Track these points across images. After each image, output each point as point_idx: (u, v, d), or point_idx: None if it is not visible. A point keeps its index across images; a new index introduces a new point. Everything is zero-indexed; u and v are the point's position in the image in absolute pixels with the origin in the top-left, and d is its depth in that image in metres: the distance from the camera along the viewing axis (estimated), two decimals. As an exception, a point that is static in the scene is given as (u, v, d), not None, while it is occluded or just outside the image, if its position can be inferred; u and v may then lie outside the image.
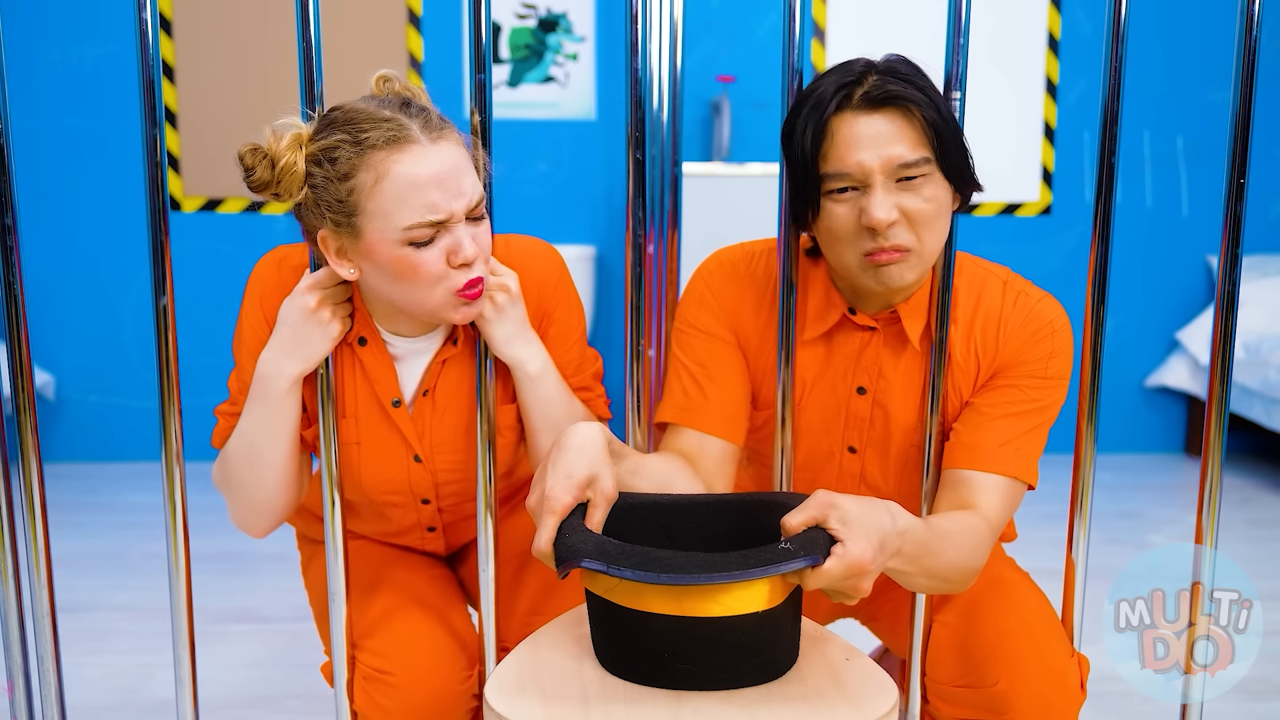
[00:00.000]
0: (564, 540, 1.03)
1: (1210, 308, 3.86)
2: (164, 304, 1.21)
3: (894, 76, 1.16)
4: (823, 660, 1.09)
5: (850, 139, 1.16)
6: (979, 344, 1.28)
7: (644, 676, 1.04)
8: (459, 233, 1.15)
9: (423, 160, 1.12)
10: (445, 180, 1.13)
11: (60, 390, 3.80)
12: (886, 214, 1.15)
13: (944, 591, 1.21)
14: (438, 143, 1.14)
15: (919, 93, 1.16)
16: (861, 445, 1.34)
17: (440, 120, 1.17)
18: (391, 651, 1.26)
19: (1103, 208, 1.24)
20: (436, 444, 1.33)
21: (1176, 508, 3.40)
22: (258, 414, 1.24)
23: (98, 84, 3.66)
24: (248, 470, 1.26)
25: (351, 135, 1.12)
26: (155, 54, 1.17)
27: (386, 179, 1.12)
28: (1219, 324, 1.26)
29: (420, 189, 1.12)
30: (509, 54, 3.75)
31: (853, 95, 1.16)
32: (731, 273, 1.34)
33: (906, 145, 1.16)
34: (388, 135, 1.12)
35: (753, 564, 0.97)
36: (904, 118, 1.16)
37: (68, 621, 2.25)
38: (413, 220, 1.12)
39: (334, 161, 1.13)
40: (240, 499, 1.29)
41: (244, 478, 1.27)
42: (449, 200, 1.13)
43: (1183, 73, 3.82)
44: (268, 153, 1.15)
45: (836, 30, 3.77)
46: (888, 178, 1.16)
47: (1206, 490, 1.28)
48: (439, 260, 1.15)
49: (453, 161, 1.14)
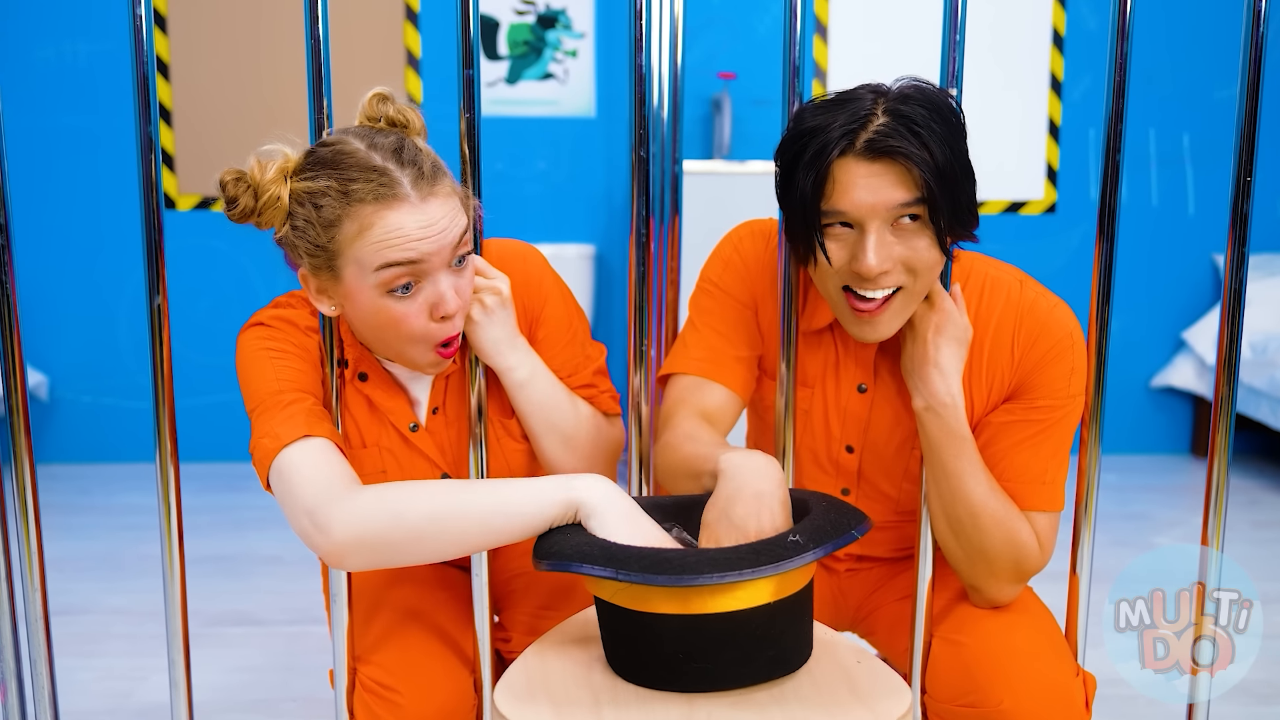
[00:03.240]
0: (568, 542, 1.04)
1: (1216, 307, 3.86)
2: (158, 303, 1.21)
3: (899, 120, 1.14)
4: (834, 663, 1.09)
5: (849, 184, 1.15)
6: (990, 349, 1.27)
7: (657, 680, 1.03)
8: (441, 285, 1.14)
9: (410, 218, 1.11)
10: (432, 237, 1.12)
11: (54, 390, 3.80)
12: (879, 263, 1.15)
13: (957, 556, 1.24)
14: (427, 200, 1.12)
15: (919, 146, 1.13)
16: (859, 445, 1.34)
17: (434, 171, 1.14)
18: (396, 667, 1.26)
19: (1108, 206, 1.24)
20: (459, 458, 1.34)
21: (1182, 509, 3.40)
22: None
23: (91, 80, 3.65)
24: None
25: (339, 184, 1.11)
26: (149, 50, 1.17)
27: (370, 230, 1.11)
28: (1225, 323, 1.26)
29: (406, 244, 1.11)
30: (507, 50, 3.75)
31: (856, 140, 1.14)
32: (763, 242, 1.34)
33: (904, 192, 1.14)
34: (377, 191, 1.10)
35: (764, 560, 0.97)
36: (903, 168, 1.14)
37: (61, 625, 2.25)
38: (387, 259, 1.11)
39: (319, 207, 1.12)
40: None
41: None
42: (436, 254, 1.12)
43: (1189, 69, 3.82)
44: (251, 182, 1.13)
45: (838, 26, 3.77)
46: (883, 222, 1.16)
47: (1213, 492, 1.28)
48: (421, 314, 1.15)
49: (441, 217, 1.13)
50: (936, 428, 1.22)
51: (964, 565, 1.25)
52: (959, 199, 1.17)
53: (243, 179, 1.14)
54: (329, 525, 1.08)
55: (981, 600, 1.26)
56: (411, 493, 1.10)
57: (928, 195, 1.14)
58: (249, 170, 1.14)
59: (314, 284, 1.18)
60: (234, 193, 1.13)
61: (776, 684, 1.04)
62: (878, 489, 1.36)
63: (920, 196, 1.14)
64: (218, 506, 3.14)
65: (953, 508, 1.22)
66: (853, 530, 1.04)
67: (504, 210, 3.64)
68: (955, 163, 1.15)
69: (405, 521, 1.08)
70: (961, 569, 1.26)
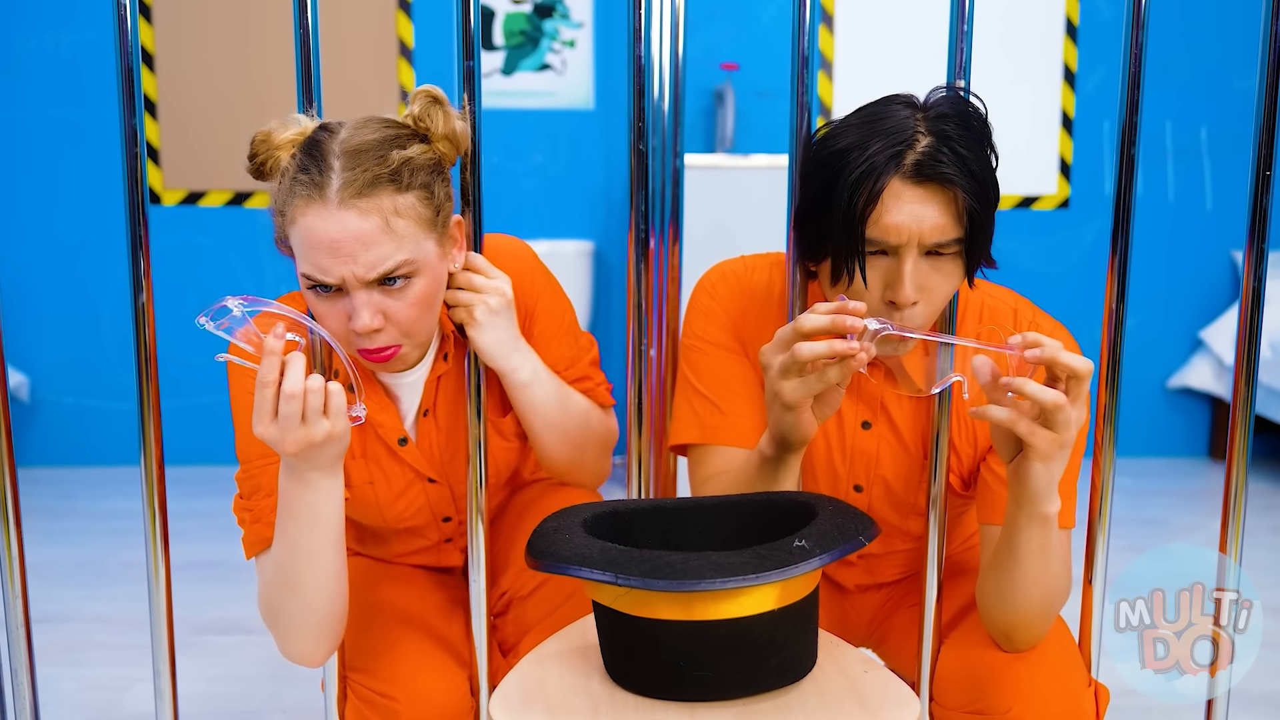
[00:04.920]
0: (566, 544, 1.04)
1: (1235, 305, 3.86)
2: (143, 301, 1.21)
3: (944, 141, 1.13)
4: (840, 672, 1.09)
5: (895, 208, 1.14)
6: None
7: (657, 689, 1.03)
8: (357, 300, 1.14)
9: (320, 223, 1.12)
10: (338, 248, 1.12)
11: (35, 391, 3.80)
12: (913, 293, 1.15)
13: (1010, 622, 1.20)
14: (345, 208, 1.12)
15: (965, 174, 1.13)
16: (868, 483, 1.33)
17: (370, 185, 1.12)
18: (391, 673, 1.26)
19: (1123, 201, 1.24)
20: (448, 461, 1.35)
21: (1200, 514, 3.41)
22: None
23: (75, 72, 3.66)
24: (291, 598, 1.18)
25: (295, 169, 1.14)
26: (134, 40, 1.17)
27: (294, 225, 1.14)
28: (1244, 322, 1.26)
29: (313, 248, 1.13)
30: (503, 40, 3.75)
31: (904, 160, 1.13)
32: (735, 284, 1.35)
33: (948, 221, 1.14)
34: (306, 188, 1.12)
35: (768, 565, 0.97)
36: (948, 196, 1.14)
37: (43, 633, 2.25)
38: (303, 270, 1.15)
39: (280, 185, 1.16)
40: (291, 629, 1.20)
41: (289, 606, 1.19)
42: (338, 266, 1.13)
43: (1206, 59, 3.82)
44: (267, 139, 1.17)
45: (845, 15, 3.77)
46: (920, 252, 1.15)
47: (1231, 496, 1.28)
48: (338, 318, 1.16)
49: (353, 232, 1.12)
50: (1038, 531, 1.14)
51: (1009, 628, 1.22)
52: (990, 229, 1.17)
53: (269, 139, 1.17)
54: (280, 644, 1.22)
55: (1014, 647, 1.23)
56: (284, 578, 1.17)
57: (969, 228, 1.14)
58: (272, 129, 1.17)
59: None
60: (255, 150, 1.17)
61: (780, 693, 1.04)
62: (887, 523, 1.36)
63: (963, 231, 1.14)
64: (204, 511, 3.14)
65: (1028, 594, 1.18)
66: (860, 536, 1.04)
67: (499, 206, 3.64)
68: (991, 190, 1.15)
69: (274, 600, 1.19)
70: (1018, 625, 1.21)
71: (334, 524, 1.15)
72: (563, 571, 1.01)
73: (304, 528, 1.14)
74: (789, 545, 1.00)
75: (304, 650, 1.20)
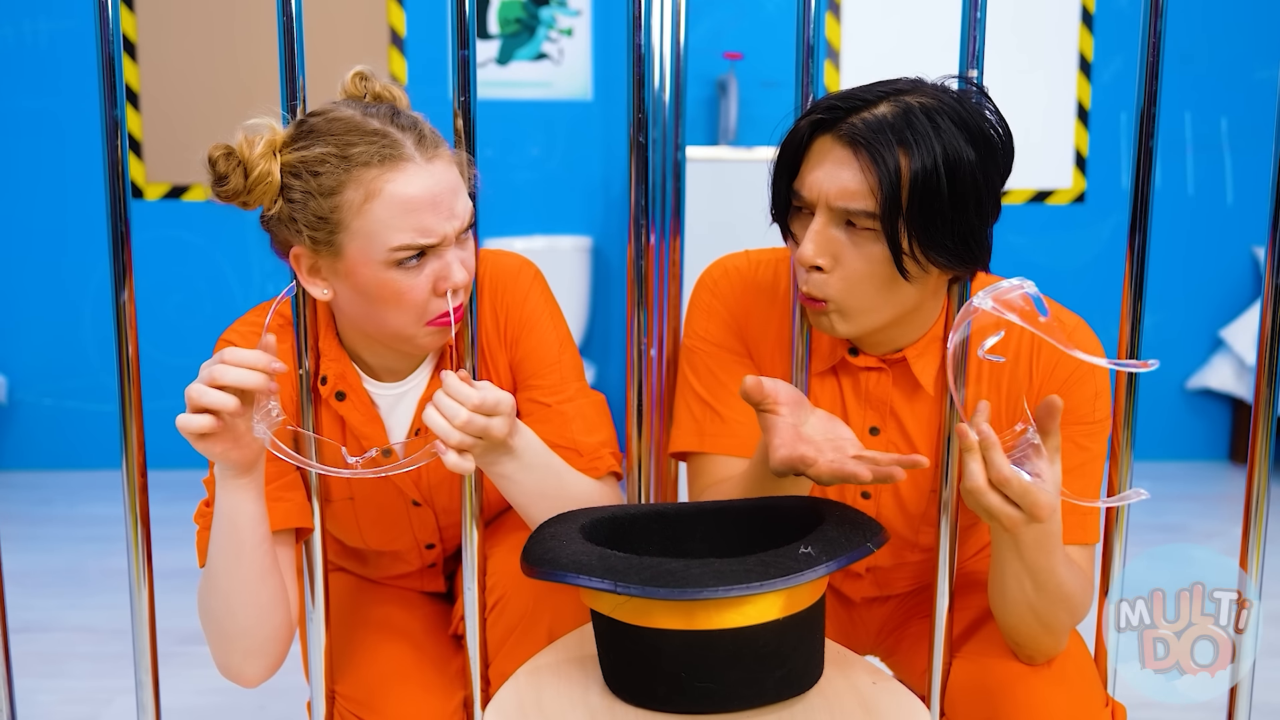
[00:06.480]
0: (563, 550, 1.04)
1: (1257, 303, 3.86)
2: (124, 300, 1.21)
3: (897, 116, 1.11)
4: (847, 683, 1.09)
5: (817, 166, 1.15)
6: (1007, 383, 1.26)
7: (658, 701, 1.03)
8: (449, 257, 1.14)
9: (416, 180, 1.12)
10: (439, 202, 1.12)
11: (13, 393, 3.80)
12: (814, 253, 1.15)
13: (1025, 634, 1.19)
14: (433, 161, 1.13)
15: (902, 149, 1.10)
16: (876, 490, 1.32)
17: (434, 135, 1.16)
18: (379, 687, 1.26)
19: (1140, 195, 1.24)
20: (435, 484, 1.34)
21: (1220, 519, 3.41)
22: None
23: (54, 61, 3.66)
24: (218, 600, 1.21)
25: (338, 149, 1.11)
26: (115, 28, 1.17)
27: (377, 199, 1.11)
28: (1266, 321, 1.26)
29: (414, 211, 1.11)
30: (498, 29, 3.75)
31: (843, 120, 1.13)
32: (738, 280, 1.34)
33: (860, 190, 1.12)
34: (381, 152, 1.11)
35: (773, 572, 0.97)
36: (876, 168, 1.11)
37: (20, 643, 2.25)
38: (402, 242, 1.11)
39: (316, 175, 1.11)
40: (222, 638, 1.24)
41: (217, 610, 1.22)
42: (442, 223, 1.12)
43: (1227, 48, 3.82)
44: (241, 159, 1.12)
45: (852, 2, 3.77)
46: (833, 214, 1.14)
47: (1253, 501, 1.28)
48: (425, 287, 1.14)
49: (447, 182, 1.14)
50: (1035, 534, 1.13)
51: (1027, 640, 1.22)
52: (939, 223, 1.12)
53: (233, 154, 1.12)
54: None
55: (1030, 659, 1.23)
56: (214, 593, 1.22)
57: (884, 203, 1.11)
58: (237, 146, 1.12)
59: (307, 263, 1.17)
60: (224, 169, 1.12)
61: (786, 705, 1.04)
62: (896, 533, 1.35)
63: (877, 206, 1.12)
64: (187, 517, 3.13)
65: (1037, 600, 1.17)
66: (868, 543, 1.04)
67: (495, 200, 3.63)
68: (950, 184, 1.11)
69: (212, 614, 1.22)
70: (1023, 642, 1.22)
71: (250, 530, 1.16)
72: (560, 579, 1.01)
73: (222, 531, 1.17)
74: (794, 552, 1.00)
75: (233, 664, 1.22)
